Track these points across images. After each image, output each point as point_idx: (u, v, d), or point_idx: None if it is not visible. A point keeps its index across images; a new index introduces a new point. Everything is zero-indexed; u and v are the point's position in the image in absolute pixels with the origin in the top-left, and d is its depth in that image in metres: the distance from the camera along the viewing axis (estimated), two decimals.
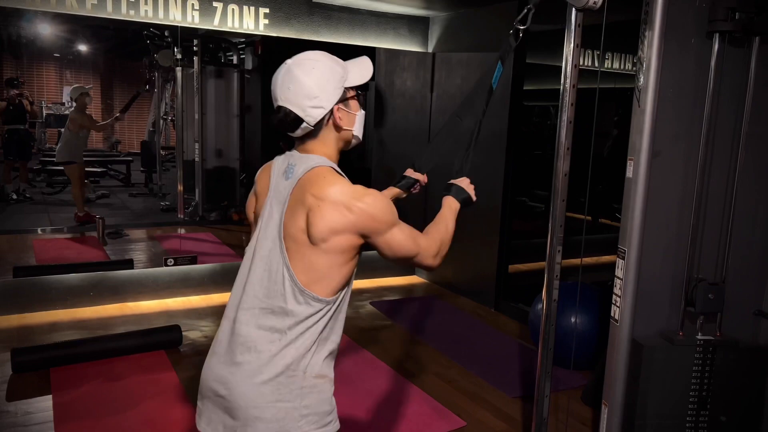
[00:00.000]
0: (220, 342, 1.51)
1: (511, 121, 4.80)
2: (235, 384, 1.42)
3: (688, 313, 2.44)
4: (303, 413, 1.42)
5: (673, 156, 2.40)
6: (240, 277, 1.53)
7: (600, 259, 5.48)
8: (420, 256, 1.53)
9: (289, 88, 1.46)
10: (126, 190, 10.05)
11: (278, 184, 1.50)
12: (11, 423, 2.91)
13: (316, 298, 1.42)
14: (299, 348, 1.42)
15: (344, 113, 1.52)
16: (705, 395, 2.44)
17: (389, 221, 1.45)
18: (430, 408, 3.22)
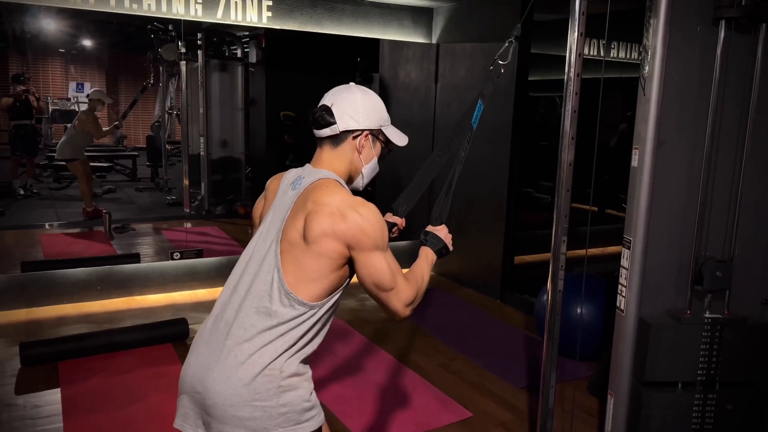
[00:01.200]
0: (202, 338, 1.52)
1: (516, 113, 4.78)
2: (212, 382, 1.42)
3: (696, 292, 2.41)
4: (281, 411, 1.42)
5: (678, 144, 2.38)
6: (232, 276, 1.55)
7: (606, 250, 5.47)
8: (393, 294, 1.49)
9: (340, 95, 1.59)
10: (132, 185, 10.08)
11: (285, 193, 1.56)
12: (20, 416, 2.94)
13: (300, 301, 1.43)
14: (278, 349, 1.43)
15: (368, 145, 1.61)
16: (713, 374, 2.43)
17: (377, 240, 1.46)
18: (436, 399, 3.22)
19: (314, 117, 1.59)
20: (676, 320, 2.41)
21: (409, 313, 1.53)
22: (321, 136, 1.60)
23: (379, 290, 1.48)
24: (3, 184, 8.47)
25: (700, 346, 2.41)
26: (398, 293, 1.50)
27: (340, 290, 1.52)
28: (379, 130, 1.63)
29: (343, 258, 1.46)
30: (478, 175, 5.01)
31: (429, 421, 2.99)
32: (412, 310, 1.54)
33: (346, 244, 1.45)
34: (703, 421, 2.47)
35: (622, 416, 2.43)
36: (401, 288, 1.50)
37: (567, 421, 2.97)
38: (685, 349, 2.42)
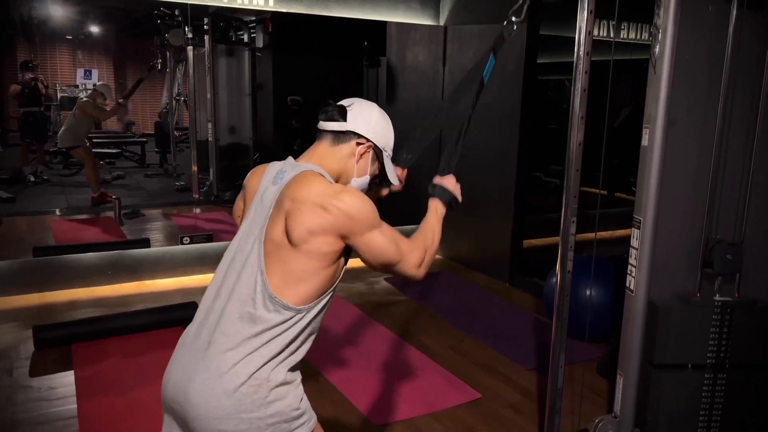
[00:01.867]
0: (184, 346, 1.44)
1: (524, 95, 4.75)
2: (194, 393, 1.34)
3: (706, 274, 2.42)
4: (269, 422, 1.34)
5: (689, 123, 2.37)
6: (215, 280, 1.47)
7: (615, 233, 5.45)
8: (402, 264, 1.46)
9: (360, 103, 1.57)
10: (141, 171, 10.13)
11: (266, 189, 1.47)
12: (35, 397, 2.98)
13: (286, 306, 1.36)
14: (264, 356, 1.35)
15: (366, 158, 1.55)
16: (723, 356, 2.43)
17: (368, 221, 1.40)
18: (445, 380, 3.24)
19: (325, 110, 1.54)
20: (685, 304, 2.41)
21: (423, 272, 1.52)
22: (324, 129, 1.53)
23: (387, 266, 1.45)
24: (14, 171, 8.53)
25: (710, 329, 2.41)
26: (406, 260, 1.47)
27: (330, 293, 1.44)
28: (381, 152, 1.57)
29: (337, 252, 1.39)
30: (487, 159, 4.99)
31: (438, 402, 3.01)
32: (427, 266, 1.53)
33: (338, 235, 1.37)
34: (713, 402, 2.48)
35: (631, 397, 2.44)
36: (407, 254, 1.47)
37: (576, 402, 2.97)
38: (695, 332, 2.42)
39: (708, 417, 2.48)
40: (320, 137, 1.55)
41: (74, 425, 2.73)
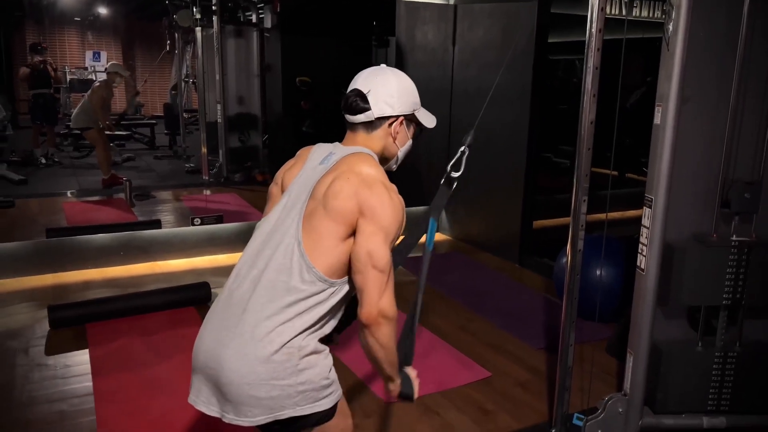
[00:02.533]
0: (216, 313, 1.47)
1: (535, 76, 4.71)
2: (227, 358, 1.37)
3: (723, 215, 2.39)
4: (299, 390, 1.38)
5: (703, 101, 2.34)
6: (250, 250, 1.50)
7: (625, 214, 5.43)
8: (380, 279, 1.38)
9: (375, 79, 1.56)
10: (151, 153, 10.17)
11: (314, 168, 1.52)
12: (52, 375, 3.03)
13: (321, 277, 1.40)
14: (297, 327, 1.39)
15: (402, 130, 1.59)
16: (739, 297, 2.41)
17: (388, 227, 1.40)
18: (455, 359, 3.26)
19: (347, 102, 1.56)
20: (701, 243, 2.38)
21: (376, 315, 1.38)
22: (354, 122, 1.57)
23: (368, 263, 1.38)
24: (25, 153, 8.59)
25: (726, 269, 2.38)
26: (384, 285, 1.39)
27: None
28: (413, 114, 1.61)
29: (352, 226, 1.42)
30: (497, 139, 4.97)
31: (448, 380, 3.03)
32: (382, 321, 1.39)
33: (360, 209, 1.40)
34: (723, 380, 2.48)
35: (641, 375, 2.45)
36: (389, 288, 1.41)
37: (585, 381, 2.99)
38: (711, 273, 2.39)
39: (718, 395, 2.49)
40: (353, 128, 1.59)
41: (90, 402, 2.77)
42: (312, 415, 1.42)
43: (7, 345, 3.35)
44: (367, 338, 1.43)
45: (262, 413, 1.37)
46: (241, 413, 1.38)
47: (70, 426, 2.59)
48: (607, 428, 2.49)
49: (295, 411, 1.39)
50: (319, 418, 1.44)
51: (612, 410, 2.49)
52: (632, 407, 2.47)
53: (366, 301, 1.39)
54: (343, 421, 1.54)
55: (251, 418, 1.38)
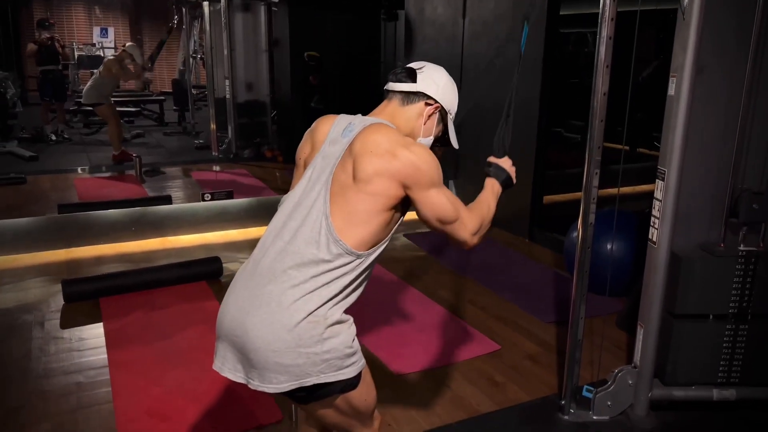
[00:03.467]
0: (241, 282, 1.49)
1: (546, 49, 4.65)
2: (253, 326, 1.39)
3: (731, 224, 2.39)
4: (324, 358, 1.40)
5: (718, 71, 2.31)
6: (276, 222, 1.53)
7: (636, 189, 5.40)
8: (458, 225, 1.53)
9: (429, 66, 1.64)
10: (160, 129, 10.18)
11: (335, 141, 1.54)
12: (67, 348, 3.08)
13: (348, 249, 1.42)
14: (323, 296, 1.41)
15: (433, 120, 1.64)
16: (745, 306, 2.42)
17: (432, 177, 1.46)
18: (465, 333, 3.28)
19: (395, 71, 1.61)
20: (709, 253, 2.39)
21: (476, 241, 1.57)
22: (394, 89, 1.61)
23: (443, 224, 1.50)
24: (35, 130, 8.62)
25: (733, 279, 2.40)
26: (463, 223, 1.53)
27: (385, 242, 1.51)
28: (446, 113, 1.65)
29: (396, 198, 1.45)
30: None
31: (458, 354, 3.05)
32: (480, 238, 1.58)
33: (401, 183, 1.44)
34: (734, 353, 2.48)
35: (652, 347, 2.45)
36: (465, 218, 1.53)
37: (595, 354, 3.00)
38: (718, 283, 2.41)
39: (728, 367, 2.49)
40: (389, 97, 1.63)
41: (105, 374, 2.82)
42: (336, 383, 1.44)
43: (23, 318, 3.40)
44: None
45: (287, 380, 1.40)
46: (266, 380, 1.41)
47: (87, 397, 2.64)
48: (616, 400, 2.51)
49: (320, 378, 1.41)
50: (344, 386, 1.47)
51: (622, 382, 2.50)
52: (642, 379, 2.49)
53: (462, 243, 1.56)
54: (367, 391, 1.56)
55: (276, 385, 1.40)
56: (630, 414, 2.53)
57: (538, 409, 2.64)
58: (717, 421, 2.55)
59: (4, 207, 5.41)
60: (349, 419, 1.57)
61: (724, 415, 2.57)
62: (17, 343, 3.13)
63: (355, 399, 1.52)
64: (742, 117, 2.32)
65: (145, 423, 2.44)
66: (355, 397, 1.51)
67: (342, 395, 1.48)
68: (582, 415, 2.53)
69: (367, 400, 1.57)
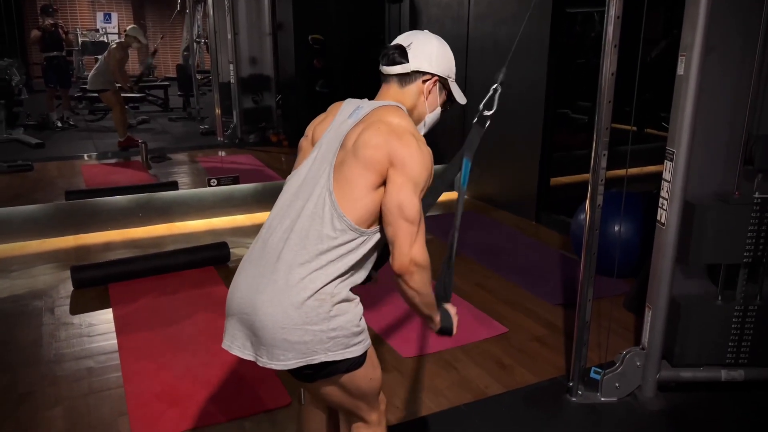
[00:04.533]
0: (250, 261, 1.50)
1: (553, 29, 4.59)
2: (261, 304, 1.41)
3: (745, 172, 2.34)
4: (331, 335, 1.41)
5: (728, 50, 2.27)
6: (282, 201, 1.54)
7: (644, 170, 5.36)
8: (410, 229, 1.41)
9: (417, 37, 1.59)
10: (165, 115, 10.16)
11: (343, 122, 1.54)
12: (77, 333, 3.11)
13: (351, 225, 1.42)
14: (330, 274, 1.42)
15: (434, 92, 1.61)
16: (761, 254, 2.38)
17: (418, 177, 1.42)
18: (472, 316, 3.29)
19: (386, 53, 1.59)
20: (723, 201, 2.34)
21: (408, 264, 1.40)
22: (389, 73, 1.59)
23: (399, 216, 1.40)
24: (41, 117, 8.62)
25: (748, 226, 2.35)
26: (415, 235, 1.41)
27: None
28: (446, 80, 1.62)
29: (382, 176, 1.43)
30: (514, 95, 4.88)
31: (466, 336, 3.06)
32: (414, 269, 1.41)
33: (390, 160, 1.42)
34: (742, 333, 2.48)
35: (660, 329, 2.45)
36: (420, 237, 1.42)
37: (603, 336, 3.00)
38: (733, 231, 2.36)
39: (736, 348, 2.49)
40: (386, 81, 1.61)
41: (115, 359, 2.84)
42: (343, 361, 1.45)
43: (33, 305, 3.43)
44: (402, 287, 1.47)
45: (294, 357, 1.41)
46: (274, 357, 1.42)
47: (98, 381, 2.66)
48: (624, 381, 2.51)
49: (327, 356, 1.42)
50: (350, 365, 1.47)
51: (630, 364, 2.50)
52: (650, 361, 2.49)
53: (398, 252, 1.42)
54: (372, 371, 1.57)
55: (284, 362, 1.41)
56: (638, 395, 2.53)
57: (545, 391, 2.64)
58: (725, 401, 2.55)
59: (12, 194, 5.43)
60: (354, 399, 1.58)
61: (732, 395, 2.58)
62: (28, 329, 3.16)
63: (360, 378, 1.53)
64: (753, 97, 2.29)
65: (155, 407, 2.46)
66: (360, 376, 1.52)
67: (347, 374, 1.49)
68: (590, 396, 2.54)
69: (373, 380, 1.58)
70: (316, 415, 1.84)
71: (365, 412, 1.64)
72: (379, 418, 1.68)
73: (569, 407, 2.53)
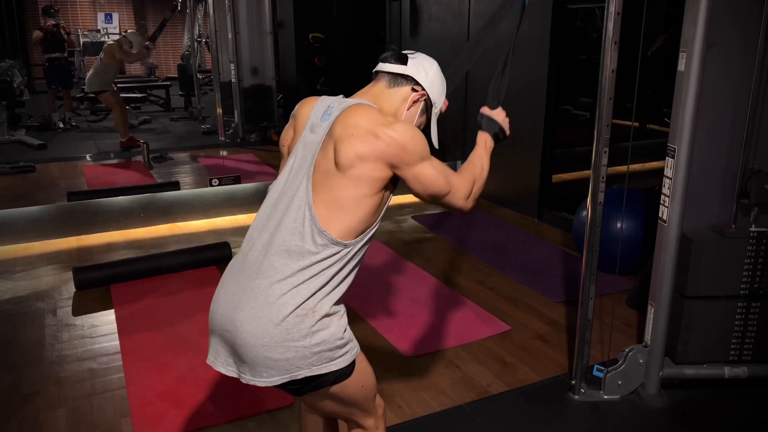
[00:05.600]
0: (230, 276, 1.47)
1: (554, 25, 4.58)
2: (242, 321, 1.38)
3: (742, 205, 2.37)
4: (314, 351, 1.38)
5: (729, 47, 2.26)
6: (261, 213, 1.49)
7: (646, 166, 5.34)
8: (451, 196, 1.51)
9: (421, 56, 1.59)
10: (167, 115, 10.16)
11: (315, 126, 1.48)
12: (80, 335, 3.11)
13: (334, 240, 1.38)
14: (311, 289, 1.38)
15: (417, 108, 1.58)
16: (757, 287, 2.40)
17: (419, 153, 1.42)
18: (475, 314, 3.28)
19: (386, 52, 1.58)
20: (719, 235, 2.36)
21: (471, 204, 1.57)
22: (382, 70, 1.56)
23: (436, 197, 1.50)
24: (43, 118, 8.63)
25: (744, 260, 2.38)
26: (455, 192, 1.52)
27: (374, 227, 1.46)
28: (432, 106, 1.60)
29: (383, 180, 1.40)
30: (515, 91, 4.84)
31: (468, 334, 3.05)
32: (475, 198, 1.58)
33: (388, 163, 1.39)
34: (745, 332, 2.47)
35: (662, 326, 2.44)
36: (456, 186, 1.52)
37: (605, 333, 3.00)
38: (729, 264, 2.39)
39: (740, 345, 2.48)
40: (376, 78, 1.58)
41: (118, 360, 2.85)
42: (328, 374, 1.42)
43: (36, 306, 3.44)
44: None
45: (277, 374, 1.38)
46: (257, 374, 1.39)
47: (100, 383, 2.67)
48: (627, 379, 2.51)
49: (311, 371, 1.39)
50: (337, 376, 1.44)
51: (632, 361, 2.50)
52: (653, 358, 2.48)
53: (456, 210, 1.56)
54: (363, 377, 1.53)
55: (267, 379, 1.38)
56: (641, 393, 2.52)
57: (548, 389, 2.64)
58: (729, 398, 2.55)
59: (14, 195, 5.44)
60: (347, 407, 1.56)
61: (735, 392, 2.57)
62: (31, 330, 3.16)
63: (351, 387, 1.50)
64: (754, 94, 2.28)
65: (157, 407, 2.46)
66: (350, 385, 1.49)
67: (336, 385, 1.46)
68: (593, 394, 2.53)
69: (365, 387, 1.54)
70: (314, 420, 1.82)
71: (360, 418, 1.61)
72: (377, 422, 1.65)
73: (572, 405, 2.52)
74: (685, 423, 2.42)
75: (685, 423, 2.42)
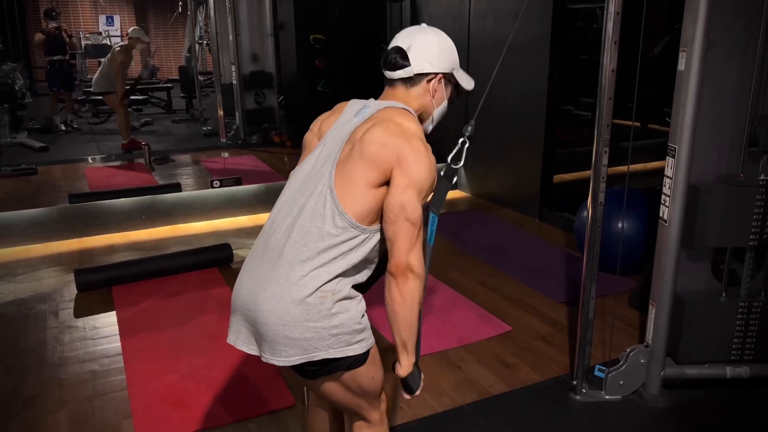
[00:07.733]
0: (254, 257, 1.51)
1: (554, 25, 4.58)
2: (264, 300, 1.42)
3: (751, 153, 2.32)
4: (332, 333, 1.42)
5: (729, 45, 2.26)
6: (284, 197, 1.54)
7: (647, 166, 5.33)
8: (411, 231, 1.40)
9: (416, 37, 1.57)
10: (168, 117, 10.18)
11: (347, 121, 1.54)
12: (81, 336, 3.11)
13: (352, 222, 1.42)
14: (331, 272, 1.42)
15: (440, 89, 1.60)
16: (766, 238, 2.35)
17: (421, 182, 1.42)
18: (476, 315, 3.28)
19: (387, 59, 1.58)
20: (728, 184, 2.32)
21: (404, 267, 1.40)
22: (393, 78, 1.58)
23: (401, 214, 1.39)
24: (45, 121, 8.65)
25: (753, 209, 2.32)
26: (415, 239, 1.41)
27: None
28: (451, 73, 1.61)
29: (386, 174, 1.42)
30: (516, 92, 4.87)
31: (470, 335, 3.05)
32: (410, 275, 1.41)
33: (397, 160, 1.41)
34: (747, 329, 2.46)
35: (664, 326, 2.44)
36: (418, 243, 1.43)
37: (607, 333, 2.99)
38: (738, 213, 2.33)
39: (741, 344, 2.47)
40: (391, 84, 1.61)
41: (119, 362, 2.85)
42: (344, 358, 1.45)
43: (38, 308, 3.44)
44: (392, 290, 1.44)
45: (296, 353, 1.41)
46: (276, 353, 1.43)
47: (102, 384, 2.67)
48: (629, 379, 2.50)
49: (328, 353, 1.42)
50: (352, 362, 1.47)
51: (634, 361, 2.49)
52: (654, 358, 2.48)
53: (396, 251, 1.42)
54: (374, 369, 1.57)
55: (286, 358, 1.42)
56: (642, 393, 2.52)
57: (550, 389, 2.64)
58: (730, 398, 2.54)
59: (16, 198, 5.45)
60: (356, 398, 1.58)
61: (737, 392, 2.56)
62: (32, 332, 3.17)
63: (363, 376, 1.53)
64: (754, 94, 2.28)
65: (159, 409, 2.46)
66: (362, 374, 1.52)
67: (349, 371, 1.49)
68: (594, 394, 2.53)
69: (375, 379, 1.58)
70: (321, 416, 1.85)
71: (367, 411, 1.64)
72: (381, 417, 1.69)
73: (573, 406, 2.52)
74: (687, 423, 2.42)
75: (687, 423, 2.42)
